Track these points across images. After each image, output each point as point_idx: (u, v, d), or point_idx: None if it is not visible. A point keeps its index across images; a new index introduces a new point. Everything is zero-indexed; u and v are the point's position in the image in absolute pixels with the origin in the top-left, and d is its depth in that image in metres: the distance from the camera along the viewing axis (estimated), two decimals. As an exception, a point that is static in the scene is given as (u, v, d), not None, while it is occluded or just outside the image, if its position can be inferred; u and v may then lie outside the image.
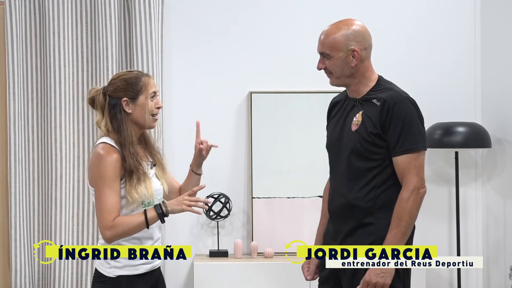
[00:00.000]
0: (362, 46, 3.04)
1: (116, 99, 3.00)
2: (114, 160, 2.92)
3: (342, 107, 3.15)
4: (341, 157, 3.08)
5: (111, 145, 2.96)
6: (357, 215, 3.01)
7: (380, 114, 2.96)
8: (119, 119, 2.99)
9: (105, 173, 2.91)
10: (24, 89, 4.62)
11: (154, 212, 2.92)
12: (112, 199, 2.90)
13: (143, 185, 2.95)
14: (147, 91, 3.01)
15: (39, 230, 4.62)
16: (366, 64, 3.06)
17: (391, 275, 2.94)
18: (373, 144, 2.98)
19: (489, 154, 4.78)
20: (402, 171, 2.95)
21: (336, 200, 3.11)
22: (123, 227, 2.90)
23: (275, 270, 4.47)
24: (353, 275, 3.02)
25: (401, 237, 2.94)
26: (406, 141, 2.94)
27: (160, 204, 2.94)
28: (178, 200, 2.95)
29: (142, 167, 2.98)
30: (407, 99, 3.00)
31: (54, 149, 4.55)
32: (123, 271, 2.98)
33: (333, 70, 3.05)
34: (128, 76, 3.03)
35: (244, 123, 4.79)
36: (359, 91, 3.07)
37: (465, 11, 4.85)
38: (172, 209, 2.93)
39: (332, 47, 3.02)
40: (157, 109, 3.04)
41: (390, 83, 3.11)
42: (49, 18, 4.57)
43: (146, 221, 2.91)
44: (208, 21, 4.80)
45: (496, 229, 4.70)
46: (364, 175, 3.00)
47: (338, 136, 3.10)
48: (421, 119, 3.01)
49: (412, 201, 2.93)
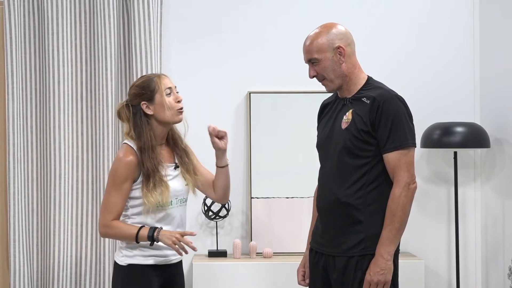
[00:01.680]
0: (346, 42, 3.12)
1: (136, 106, 3.14)
2: (129, 162, 3.07)
3: (332, 107, 3.22)
4: (331, 155, 3.13)
5: (131, 147, 3.10)
6: (347, 212, 3.06)
7: (370, 112, 3.03)
8: (139, 124, 3.13)
9: (116, 174, 3.08)
10: (23, 89, 4.62)
11: (146, 233, 3.06)
12: (116, 199, 3.07)
13: (159, 191, 3.08)
14: (161, 89, 3.13)
15: (38, 230, 4.61)
16: (354, 60, 3.15)
17: (390, 272, 3.00)
18: (363, 141, 3.04)
19: (488, 154, 4.78)
20: (392, 168, 3.02)
21: (325, 198, 3.15)
22: (116, 231, 3.09)
23: (274, 270, 4.47)
24: (343, 270, 3.06)
25: (395, 232, 2.99)
26: (396, 138, 3.01)
27: (156, 229, 3.06)
28: (171, 234, 3.06)
29: (159, 172, 3.09)
30: (396, 97, 3.07)
31: (53, 149, 4.55)
32: (133, 260, 3.11)
33: (325, 73, 3.12)
34: (140, 81, 3.18)
35: (243, 123, 4.79)
36: (350, 90, 3.15)
37: (464, 11, 4.85)
38: (162, 238, 3.05)
39: (318, 51, 3.11)
40: (177, 103, 3.16)
41: (379, 82, 3.18)
42: (48, 19, 4.56)
43: (136, 236, 3.06)
44: (207, 22, 4.80)
45: (494, 229, 4.70)
46: (354, 172, 3.06)
47: (328, 134, 3.17)
48: (410, 117, 3.09)
49: (404, 197, 2.99)
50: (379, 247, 2.99)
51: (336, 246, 3.09)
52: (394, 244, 3.00)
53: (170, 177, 3.15)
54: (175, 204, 3.17)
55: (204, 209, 4.63)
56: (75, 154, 4.62)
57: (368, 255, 3.03)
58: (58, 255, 4.53)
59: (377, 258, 2.99)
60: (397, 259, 3.10)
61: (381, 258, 2.98)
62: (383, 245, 2.98)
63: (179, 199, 3.19)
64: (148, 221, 3.12)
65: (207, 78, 4.79)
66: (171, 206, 3.15)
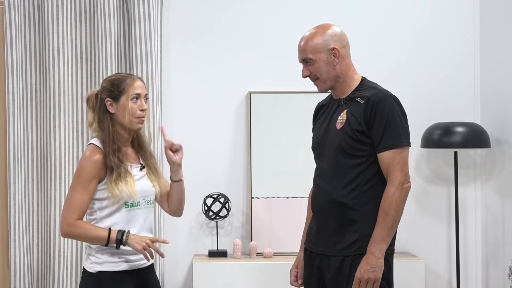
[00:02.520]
0: (341, 44, 3.13)
1: (103, 99, 3.10)
2: (95, 160, 3.01)
3: (327, 109, 3.24)
4: (326, 155, 3.15)
5: (97, 146, 3.05)
6: (342, 212, 3.07)
7: (364, 112, 3.04)
8: (102, 118, 3.08)
9: (82, 172, 3.01)
10: (23, 89, 4.62)
11: (115, 236, 2.98)
12: (81, 197, 3.00)
13: (124, 182, 3.01)
14: (129, 92, 3.07)
15: (39, 230, 4.62)
16: (348, 62, 3.16)
17: (381, 269, 3.00)
18: (357, 141, 3.05)
19: (488, 154, 4.78)
20: (387, 167, 3.03)
21: (320, 198, 3.16)
22: (82, 231, 2.99)
23: (274, 270, 4.47)
24: (338, 269, 3.06)
25: (388, 231, 2.99)
26: (390, 137, 3.02)
27: (125, 232, 2.99)
28: (141, 239, 2.99)
29: (124, 165, 3.04)
30: (390, 96, 3.08)
31: (53, 149, 4.56)
32: (103, 267, 3.03)
33: (318, 74, 3.14)
34: (114, 77, 3.13)
35: (243, 123, 4.79)
36: (344, 91, 3.16)
37: (465, 11, 4.85)
38: (131, 242, 2.98)
39: (313, 51, 3.12)
40: (141, 111, 3.09)
41: (373, 83, 3.19)
42: (48, 18, 4.57)
43: (108, 239, 2.97)
44: (207, 22, 4.80)
45: (495, 229, 4.70)
46: (349, 172, 3.07)
47: (323, 135, 3.19)
48: (404, 116, 3.09)
49: (397, 196, 2.99)
50: (370, 245, 3.00)
51: (331, 246, 3.09)
52: (386, 242, 3.00)
53: (137, 177, 3.09)
54: (143, 205, 3.10)
55: (205, 209, 4.63)
56: (75, 154, 4.62)
57: (363, 255, 3.03)
58: (59, 255, 4.53)
59: (368, 255, 2.99)
60: (392, 258, 3.11)
61: (372, 256, 2.98)
62: (375, 243, 2.99)
63: (147, 200, 3.12)
64: (116, 223, 3.04)
65: (207, 78, 4.79)
66: (139, 206, 3.09)
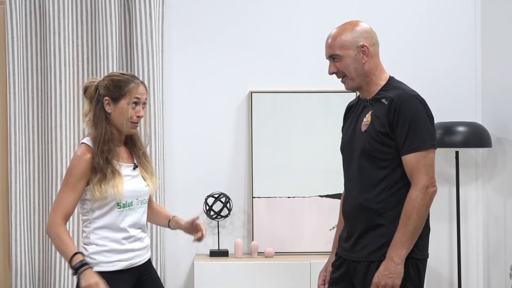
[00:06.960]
0: (370, 42, 3.05)
1: (102, 96, 3.08)
2: (85, 160, 3.01)
3: (355, 110, 3.15)
4: (353, 159, 3.06)
5: (88, 145, 3.05)
6: (368, 217, 2.98)
7: (388, 113, 2.94)
8: (98, 115, 3.07)
9: (72, 172, 3.01)
10: (24, 88, 4.62)
11: (75, 263, 2.94)
12: (68, 197, 2.99)
13: (110, 184, 3.00)
14: (130, 97, 3.06)
15: (40, 230, 4.61)
16: (376, 61, 3.07)
17: (399, 276, 2.88)
18: (382, 143, 2.95)
19: (489, 154, 4.78)
20: (411, 170, 2.91)
21: (349, 202, 3.09)
22: (57, 240, 2.98)
23: (275, 270, 4.46)
24: (364, 275, 2.99)
25: (409, 236, 2.87)
26: (414, 139, 2.90)
27: (86, 265, 2.94)
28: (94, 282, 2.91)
29: (111, 166, 3.02)
30: (415, 97, 2.97)
31: (54, 149, 4.55)
32: (98, 268, 3.01)
33: (346, 71, 3.04)
34: (118, 77, 3.10)
35: (245, 122, 4.79)
36: (370, 91, 3.06)
37: (466, 10, 4.85)
38: (82, 278, 2.92)
39: (341, 47, 3.02)
40: (137, 117, 3.08)
41: (400, 82, 3.08)
42: (49, 18, 4.56)
43: (71, 259, 2.94)
44: (208, 21, 4.80)
45: (496, 228, 4.70)
46: (375, 176, 2.97)
47: (350, 138, 3.09)
48: (430, 117, 2.97)
49: (420, 200, 2.87)
50: (390, 250, 2.89)
51: (358, 251, 3.00)
52: (407, 247, 2.88)
53: (130, 177, 3.08)
54: (135, 205, 3.09)
55: (206, 208, 4.63)
56: (76, 154, 4.62)
57: None
58: (59, 255, 4.52)
59: (387, 261, 2.88)
60: (422, 264, 2.98)
61: (391, 261, 2.87)
62: (394, 247, 2.88)
63: (140, 200, 3.11)
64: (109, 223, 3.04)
65: (209, 78, 4.79)
66: (132, 207, 3.08)
